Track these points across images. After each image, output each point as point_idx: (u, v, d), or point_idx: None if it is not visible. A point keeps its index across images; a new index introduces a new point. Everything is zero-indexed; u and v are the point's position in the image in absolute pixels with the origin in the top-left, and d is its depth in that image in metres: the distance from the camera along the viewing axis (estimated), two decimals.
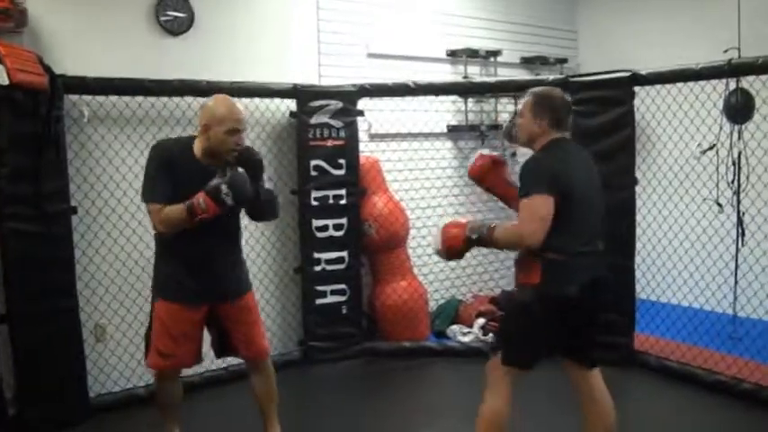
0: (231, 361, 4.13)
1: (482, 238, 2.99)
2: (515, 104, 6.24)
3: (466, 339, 5.34)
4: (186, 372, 3.66)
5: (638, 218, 4.87)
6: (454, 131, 6.06)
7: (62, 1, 4.19)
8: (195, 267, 3.20)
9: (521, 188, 2.87)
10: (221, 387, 4.61)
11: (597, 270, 2.95)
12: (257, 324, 3.45)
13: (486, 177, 3.50)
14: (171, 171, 3.09)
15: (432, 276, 5.84)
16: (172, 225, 3.07)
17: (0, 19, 3.78)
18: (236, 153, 3.09)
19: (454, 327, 5.52)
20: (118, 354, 4.42)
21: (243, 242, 4.70)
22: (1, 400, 3.73)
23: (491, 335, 5.24)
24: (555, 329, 2.93)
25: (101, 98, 4.29)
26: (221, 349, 3.47)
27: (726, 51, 4.45)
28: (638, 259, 4.87)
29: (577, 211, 2.88)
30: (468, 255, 3.21)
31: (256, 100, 4.92)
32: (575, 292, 2.84)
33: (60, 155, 3.94)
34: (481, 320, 5.45)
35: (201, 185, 3.01)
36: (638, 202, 4.85)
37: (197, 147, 3.16)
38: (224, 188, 2.97)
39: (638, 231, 4.87)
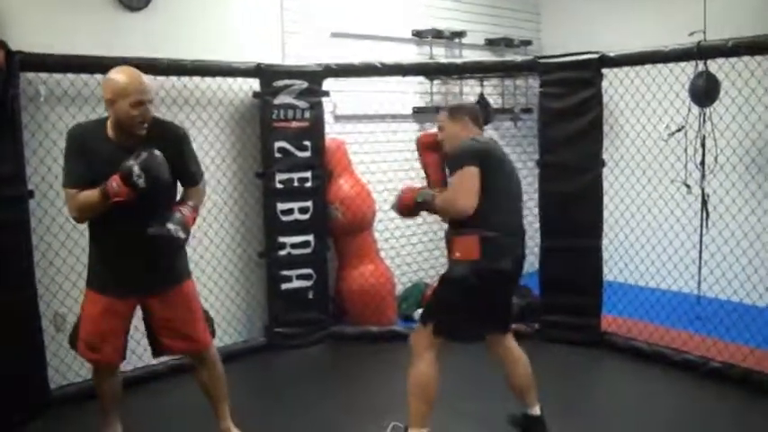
0: None
1: (426, 202, 3.37)
2: (481, 86, 6.20)
3: None
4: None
5: (606, 200, 4.87)
6: (420, 113, 5.99)
7: None
8: (119, 257, 3.04)
9: (452, 165, 3.20)
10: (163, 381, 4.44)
11: (520, 248, 3.32)
12: (195, 316, 3.25)
13: (430, 152, 3.56)
14: (85, 154, 2.92)
15: (399, 260, 5.78)
16: (86, 210, 2.92)
17: None
18: (145, 127, 2.92)
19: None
20: None
21: (205, 226, 4.70)
22: None
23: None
24: (488, 302, 3.24)
25: (58, 76, 4.09)
26: (155, 349, 3.29)
27: (691, 34, 4.45)
28: (605, 241, 4.87)
29: (504, 194, 3.26)
30: (434, 236, 3.65)
31: (218, 79, 4.79)
32: (509, 265, 3.20)
33: (16, 136, 3.75)
34: None
35: (118, 167, 2.83)
36: (606, 185, 4.84)
37: (109, 125, 2.98)
38: (136, 170, 2.78)
39: (606, 213, 4.88)
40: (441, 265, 5.98)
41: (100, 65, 4.07)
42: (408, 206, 3.49)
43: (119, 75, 2.90)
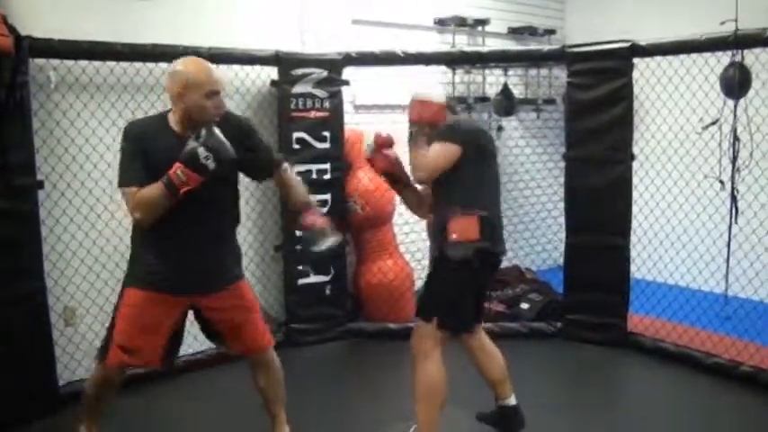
0: None
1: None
2: (506, 76, 6.03)
3: None
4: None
5: (635, 195, 4.69)
6: None
7: None
8: (181, 253, 2.82)
9: (436, 137, 3.08)
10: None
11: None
12: (253, 316, 3.05)
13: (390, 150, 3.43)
14: (146, 150, 2.72)
15: (419, 254, 5.62)
16: (150, 208, 2.66)
17: None
18: (217, 119, 2.74)
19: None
20: (89, 338, 4.10)
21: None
22: None
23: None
24: (479, 287, 3.20)
25: (69, 63, 3.95)
26: (210, 336, 3.14)
27: (723, 23, 4.24)
28: (633, 238, 4.70)
29: (495, 177, 3.19)
30: None
31: (235, 67, 4.63)
32: (502, 248, 3.16)
33: (26, 124, 3.62)
34: None
35: (174, 155, 2.66)
36: (635, 179, 4.66)
37: (173, 119, 2.80)
38: (201, 151, 2.57)
39: (635, 209, 4.70)
40: None
41: (112, 51, 4.01)
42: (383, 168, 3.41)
43: (189, 66, 2.75)
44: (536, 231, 6.21)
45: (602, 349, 4.59)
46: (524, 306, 5.15)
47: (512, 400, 3.36)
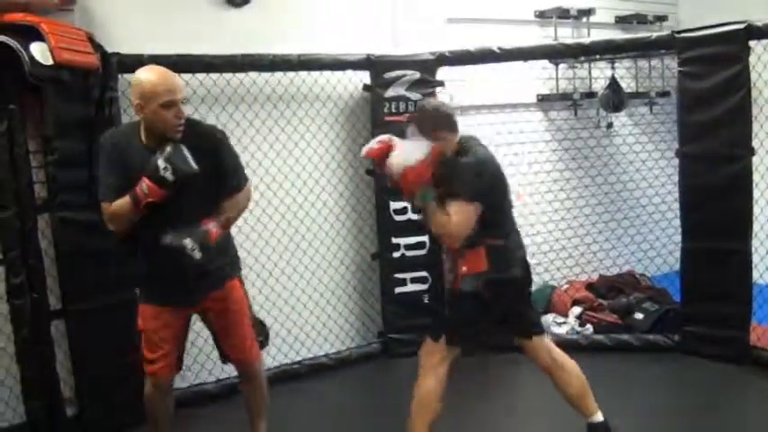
0: None
1: (426, 206, 2.95)
2: (612, 69, 5.68)
3: (560, 330, 4.86)
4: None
5: (756, 194, 4.27)
6: (545, 101, 5.57)
7: None
8: (160, 267, 2.81)
9: (459, 186, 2.91)
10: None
11: (523, 247, 3.18)
12: (240, 321, 3.06)
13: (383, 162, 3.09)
14: (118, 163, 2.75)
15: None
16: (120, 220, 2.74)
17: None
18: (180, 129, 2.71)
19: (547, 316, 5.05)
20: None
21: (315, 227, 4.54)
22: (59, 400, 3.61)
23: (588, 326, 4.80)
24: (502, 311, 3.09)
25: None
26: (220, 353, 3.19)
27: None
28: (755, 242, 4.29)
29: (508, 202, 3.11)
30: (561, 236, 3.57)
31: (326, 73, 4.57)
32: (519, 272, 3.07)
33: None
34: (577, 309, 4.97)
35: (144, 167, 2.67)
36: (756, 176, 4.25)
37: (141, 130, 2.78)
38: (161, 163, 2.59)
39: (756, 210, 4.28)
40: (568, 267, 5.58)
41: (202, 63, 4.04)
42: (414, 190, 2.95)
43: (145, 75, 2.70)
44: (649, 235, 5.83)
45: (722, 366, 4.18)
46: (638, 316, 4.80)
47: (599, 416, 3.20)
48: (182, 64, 3.91)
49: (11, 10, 3.41)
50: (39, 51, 3.30)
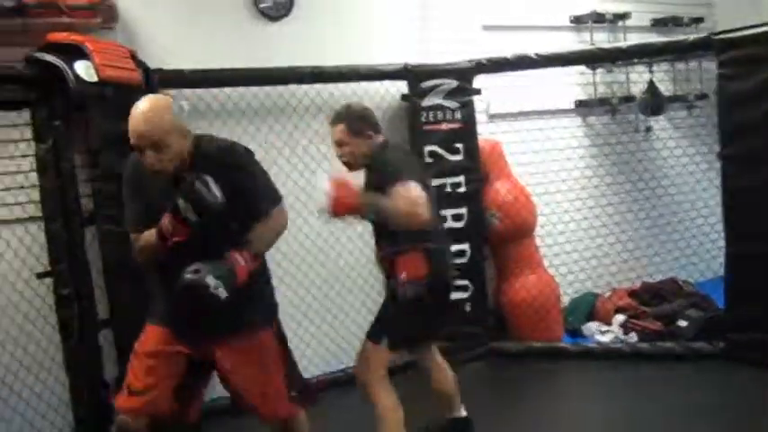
0: None
1: (374, 206, 2.84)
2: (650, 72, 5.63)
3: (604, 339, 4.82)
4: None
5: None
6: (582, 107, 5.54)
7: None
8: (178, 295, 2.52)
9: (391, 175, 2.84)
10: None
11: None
12: (269, 375, 2.70)
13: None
14: (140, 191, 2.61)
15: (564, 269, 5.32)
16: (148, 254, 2.59)
17: (87, 15, 3.66)
18: (155, 170, 2.46)
19: (591, 324, 5.01)
20: None
21: (356, 236, 4.55)
22: (106, 408, 3.55)
23: (632, 334, 4.76)
24: (440, 311, 3.18)
25: (200, 91, 4.08)
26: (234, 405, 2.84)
27: None
28: None
29: (431, 200, 2.96)
30: (603, 242, 3.54)
31: (364, 84, 4.58)
32: (452, 276, 3.17)
33: None
34: (621, 317, 4.92)
35: (167, 196, 2.47)
36: None
37: None
38: (181, 203, 2.38)
39: None
40: (610, 273, 5.51)
41: (240, 77, 4.09)
42: (351, 209, 2.87)
43: (134, 105, 2.51)
44: (692, 240, 5.74)
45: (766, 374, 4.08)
46: (682, 323, 4.71)
47: (462, 412, 3.44)
48: (221, 78, 4.04)
49: (55, 30, 3.50)
50: (83, 69, 3.37)
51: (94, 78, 3.35)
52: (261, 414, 2.73)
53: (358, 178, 3.06)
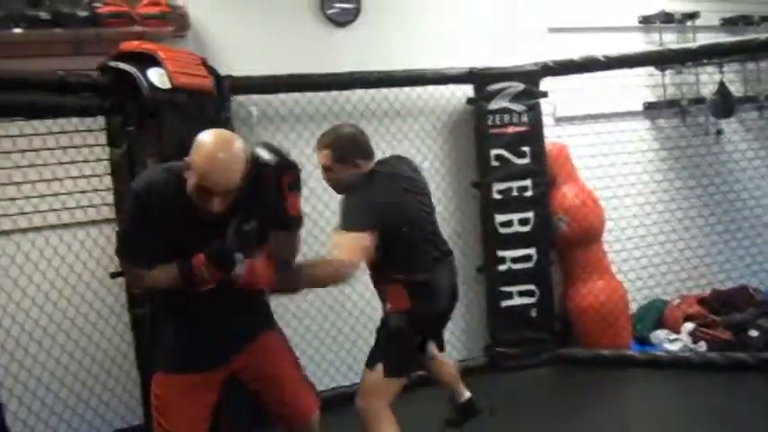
0: None
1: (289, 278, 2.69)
2: (720, 73, 5.48)
3: (673, 347, 4.72)
4: None
5: None
6: (651, 109, 5.42)
7: (224, 1, 4.14)
8: (201, 327, 2.48)
9: (342, 221, 2.82)
10: None
11: (452, 270, 3.12)
12: (292, 362, 2.71)
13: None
14: (155, 222, 2.30)
15: (632, 275, 5.21)
16: (159, 287, 2.45)
17: (159, 24, 3.75)
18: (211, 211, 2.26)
19: (659, 332, 4.91)
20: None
21: None
22: None
23: (701, 343, 4.65)
24: (430, 334, 3.14)
25: (269, 96, 4.16)
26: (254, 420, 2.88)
27: None
28: None
29: (419, 227, 2.97)
30: (673, 247, 3.25)
31: (430, 88, 4.60)
32: (444, 303, 3.04)
33: None
34: (690, 326, 4.80)
35: (195, 231, 2.29)
36: None
37: (190, 182, 2.28)
38: (236, 255, 2.30)
39: None
40: (680, 280, 5.39)
41: (309, 82, 4.16)
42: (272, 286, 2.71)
43: (203, 144, 2.26)
44: (764, 246, 5.58)
45: None
46: (753, 333, 4.57)
47: (467, 393, 3.52)
48: (290, 84, 4.10)
49: (128, 39, 3.58)
50: (156, 76, 3.42)
51: (167, 85, 3.40)
52: (297, 412, 2.68)
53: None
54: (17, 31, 3.57)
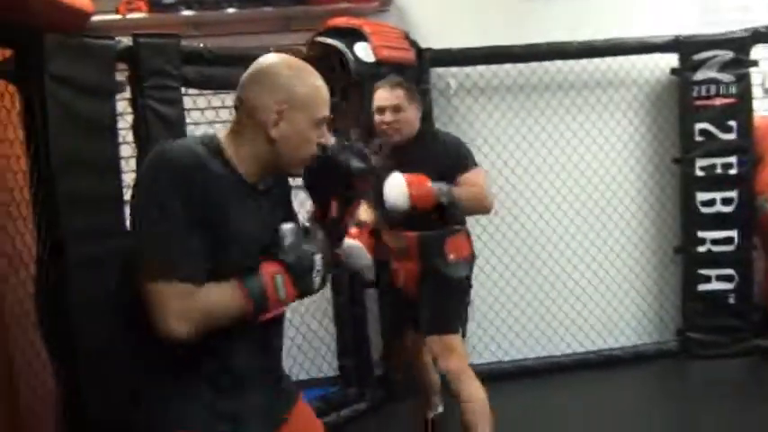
0: None
1: (451, 203, 2.82)
2: None
3: None
4: None
5: None
6: None
7: None
8: (248, 371, 1.62)
9: (462, 161, 2.90)
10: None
11: None
12: None
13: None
14: (200, 212, 1.47)
15: None
16: (213, 324, 1.49)
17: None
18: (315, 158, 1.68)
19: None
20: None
21: (616, 216, 4.51)
22: (368, 360, 3.96)
23: None
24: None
25: (467, 69, 4.20)
26: None
27: None
28: None
29: None
30: None
31: (632, 57, 4.40)
32: None
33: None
34: None
35: (255, 222, 1.59)
36: None
37: (238, 152, 1.60)
38: (318, 261, 1.59)
39: None
40: None
41: (508, 54, 4.16)
42: (427, 201, 2.78)
43: (296, 73, 1.65)
44: None
45: None
46: None
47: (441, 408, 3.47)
48: (489, 56, 4.13)
49: (334, 15, 3.72)
50: (362, 50, 3.58)
51: (372, 59, 3.54)
52: None
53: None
54: (230, 10, 3.83)
